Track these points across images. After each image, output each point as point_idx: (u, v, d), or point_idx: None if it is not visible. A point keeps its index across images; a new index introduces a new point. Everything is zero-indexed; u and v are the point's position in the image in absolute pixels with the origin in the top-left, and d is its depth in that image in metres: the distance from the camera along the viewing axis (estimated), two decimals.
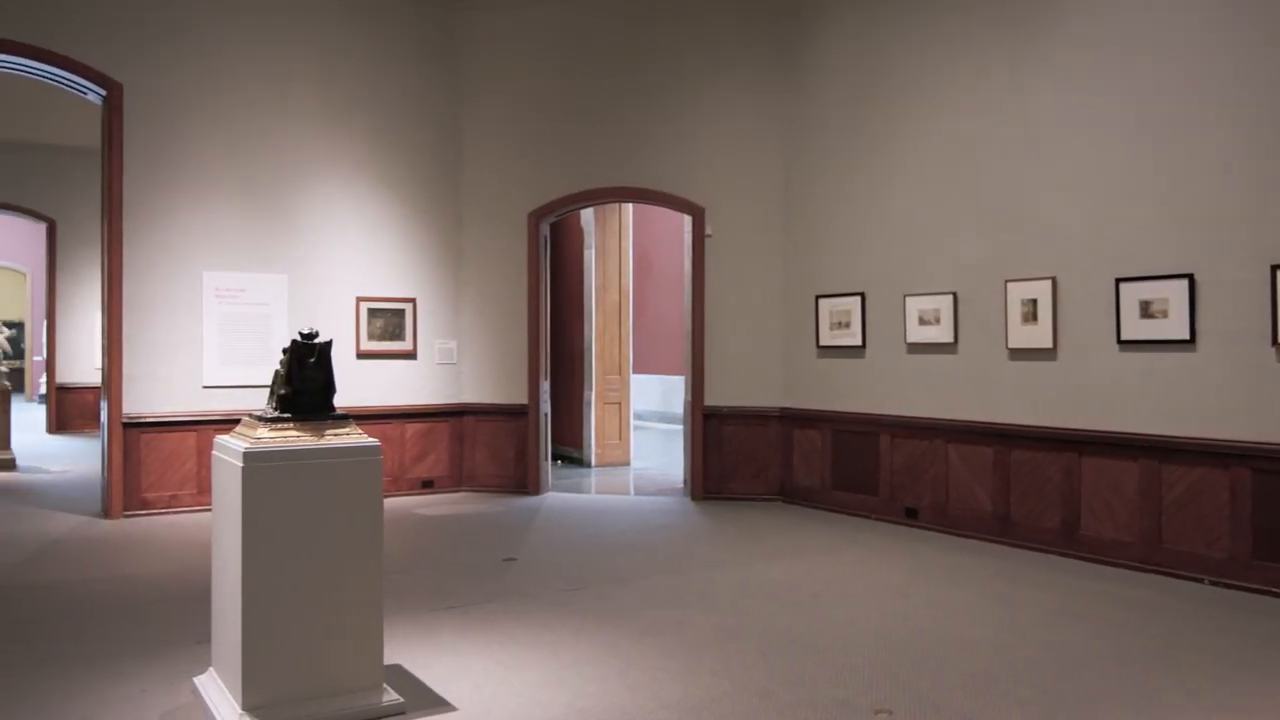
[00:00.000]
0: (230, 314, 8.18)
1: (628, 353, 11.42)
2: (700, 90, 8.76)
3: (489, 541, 7.00)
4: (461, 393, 9.25)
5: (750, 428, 8.63)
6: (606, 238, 11.25)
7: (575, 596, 5.39)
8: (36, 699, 3.80)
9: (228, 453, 3.62)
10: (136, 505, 7.75)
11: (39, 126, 13.15)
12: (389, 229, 8.92)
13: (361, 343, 8.75)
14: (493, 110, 9.22)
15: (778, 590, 5.53)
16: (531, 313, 9.05)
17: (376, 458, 3.67)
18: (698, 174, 8.74)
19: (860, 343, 7.88)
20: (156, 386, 7.87)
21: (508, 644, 4.52)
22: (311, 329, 3.85)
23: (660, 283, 15.59)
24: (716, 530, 7.42)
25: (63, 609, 5.15)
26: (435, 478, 9.08)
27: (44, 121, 12.81)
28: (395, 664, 4.17)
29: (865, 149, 7.85)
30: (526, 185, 9.08)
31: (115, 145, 7.77)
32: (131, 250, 7.82)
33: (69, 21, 7.62)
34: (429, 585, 5.65)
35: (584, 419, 11.14)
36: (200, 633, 4.48)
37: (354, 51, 8.75)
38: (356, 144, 8.77)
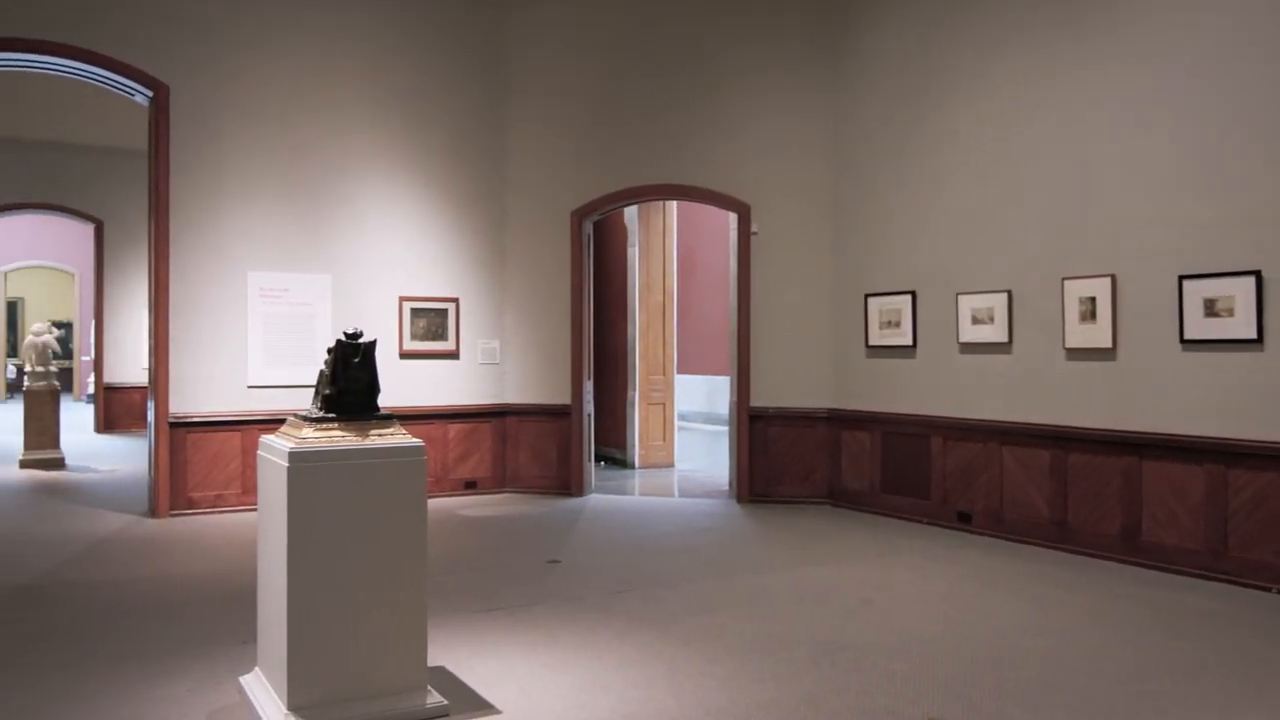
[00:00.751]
0: (274, 314, 8.31)
1: (672, 353, 11.41)
2: (746, 86, 8.73)
3: (532, 543, 7.04)
4: (504, 393, 9.30)
5: (797, 429, 8.58)
6: (650, 236, 11.25)
7: (620, 599, 5.40)
8: (87, 696, 3.89)
9: (273, 452, 3.67)
10: (183, 505, 7.90)
11: (87, 128, 13.46)
12: (432, 228, 9.00)
13: (404, 342, 8.84)
14: (537, 108, 9.26)
15: (826, 596, 5.49)
16: (575, 312, 9.08)
17: (421, 458, 3.70)
18: (743, 171, 8.71)
19: (911, 342, 7.80)
20: (202, 386, 8.02)
21: (552, 647, 4.54)
22: (356, 329, 3.89)
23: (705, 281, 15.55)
24: (763, 534, 7.39)
25: (111, 607, 5.27)
26: (478, 478, 9.14)
27: (92, 123, 13.11)
28: (439, 666, 4.20)
29: (916, 144, 7.77)
30: (570, 183, 9.11)
31: (161, 146, 7.93)
32: (178, 250, 7.98)
33: (116, 24, 7.79)
34: (472, 587, 5.70)
35: (627, 420, 11.15)
36: (246, 632, 4.56)
37: (399, 50, 8.84)
38: (400, 143, 8.86)
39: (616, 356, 11.30)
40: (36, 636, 4.73)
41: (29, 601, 5.39)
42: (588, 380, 9.22)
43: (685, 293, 14.34)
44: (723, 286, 13.05)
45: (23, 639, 4.69)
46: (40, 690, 3.95)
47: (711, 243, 14.86)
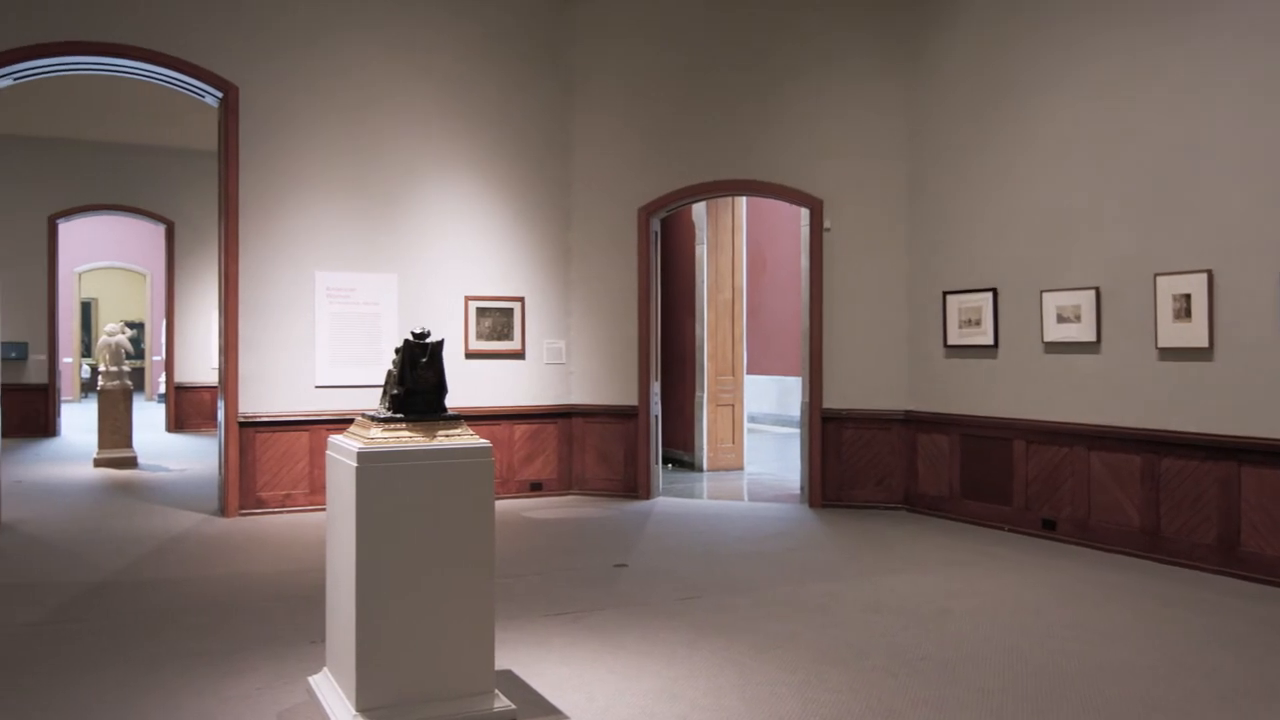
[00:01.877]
0: (341, 313, 8.48)
1: (741, 353, 11.37)
2: (819, 78, 8.66)
3: (599, 547, 7.07)
4: (570, 393, 9.36)
5: (872, 432, 8.48)
6: (719, 233, 11.22)
7: (689, 606, 5.39)
8: (161, 693, 4.01)
9: (342, 452, 3.74)
10: (252, 504, 8.11)
11: (159, 130, 13.90)
12: (498, 227, 9.10)
13: (470, 342, 8.95)
14: (604, 103, 9.30)
15: (903, 605, 5.42)
16: (642, 311, 9.10)
17: (488, 459, 3.74)
18: (816, 165, 8.64)
19: (992, 342, 7.65)
20: (270, 386, 8.22)
21: (620, 653, 4.56)
22: (423, 328, 3.95)
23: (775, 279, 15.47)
24: (837, 540, 7.32)
25: (183, 605, 5.43)
26: (544, 480, 9.22)
27: (164, 125, 13.54)
28: (505, 669, 4.25)
29: (997, 134, 7.62)
30: (637, 179, 9.14)
31: (231, 147, 8.15)
32: (247, 250, 8.19)
33: (188, 26, 8.03)
34: (539, 590, 5.74)
35: (695, 421, 11.14)
36: (315, 632, 4.66)
37: (465, 48, 8.95)
38: (466, 141, 8.97)
39: (684, 356, 11.30)
40: (112, 633, 4.89)
41: (104, 599, 5.58)
42: (655, 381, 9.23)
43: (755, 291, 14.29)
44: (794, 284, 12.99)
45: (99, 635, 4.86)
46: (116, 686, 4.09)
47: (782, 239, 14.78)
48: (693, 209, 10.93)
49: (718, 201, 10.87)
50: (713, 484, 10.26)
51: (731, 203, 11.15)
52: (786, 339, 14.95)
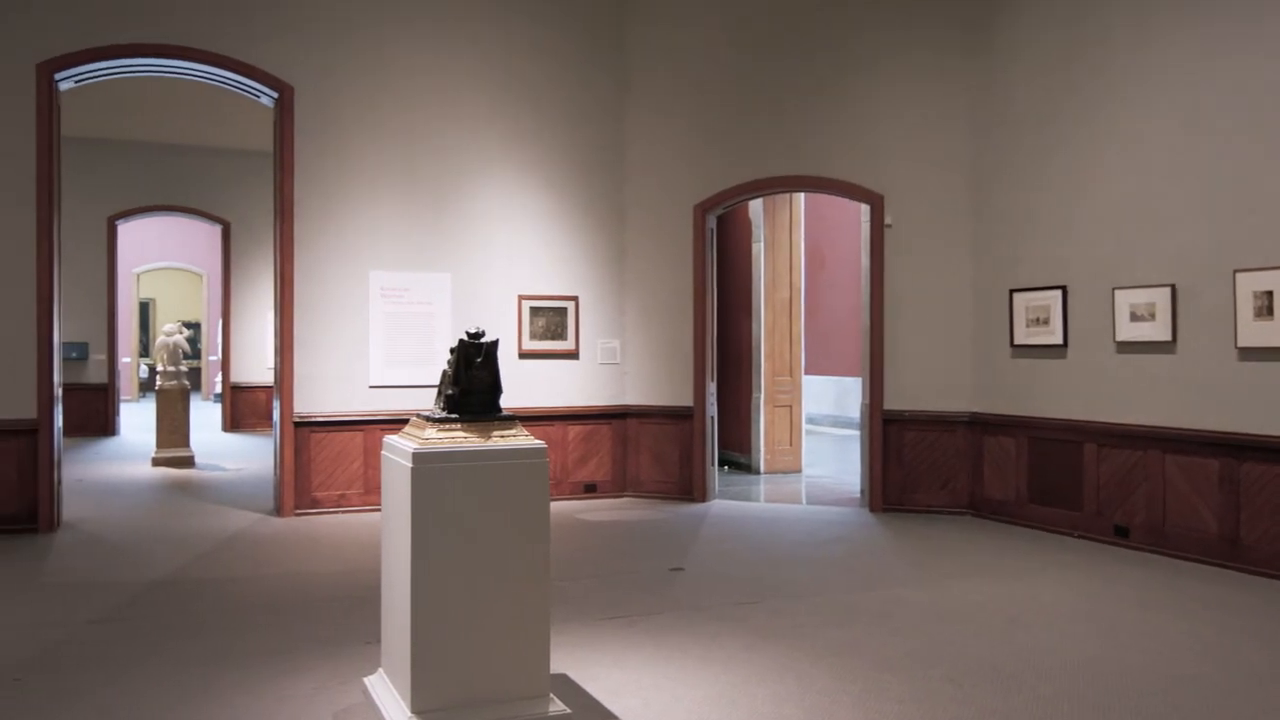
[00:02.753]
0: (395, 313, 8.59)
1: (799, 352, 11.31)
2: (880, 70, 8.58)
3: (654, 550, 7.08)
4: (625, 394, 9.39)
5: (935, 434, 8.39)
6: (776, 230, 11.17)
7: (747, 610, 5.38)
8: (219, 691, 4.10)
9: (397, 453, 3.80)
10: (307, 504, 8.25)
11: (215, 130, 14.21)
12: (551, 225, 9.16)
13: (524, 342, 9.01)
14: (658, 100, 9.31)
15: (968, 612, 5.35)
16: (697, 310, 9.09)
17: (543, 460, 3.77)
18: (876, 160, 8.57)
19: (1061, 341, 7.52)
20: (325, 386, 8.36)
21: (676, 658, 4.56)
22: (478, 328, 3.99)
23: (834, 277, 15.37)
24: (898, 545, 7.25)
25: (240, 603, 5.55)
26: (598, 482, 9.25)
27: (219, 125, 13.83)
28: (560, 673, 4.27)
29: (1066, 126, 7.49)
30: (692, 176, 9.13)
31: (286, 147, 8.30)
32: (302, 250, 8.33)
33: (243, 26, 8.19)
34: (594, 593, 5.77)
35: (752, 423, 11.10)
36: (370, 633, 4.73)
37: (519, 45, 9.02)
38: (520, 140, 9.04)
39: (741, 356, 11.27)
40: (170, 631, 5.02)
41: (162, 597, 5.72)
42: (711, 381, 9.22)
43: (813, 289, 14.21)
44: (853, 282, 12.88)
45: (157, 633, 4.98)
46: (174, 684, 4.19)
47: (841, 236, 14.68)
48: (749, 206, 10.89)
49: (775, 198, 10.82)
50: (770, 487, 10.22)
51: (789, 199, 11.09)
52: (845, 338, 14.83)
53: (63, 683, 4.22)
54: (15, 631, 5.00)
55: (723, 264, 10.94)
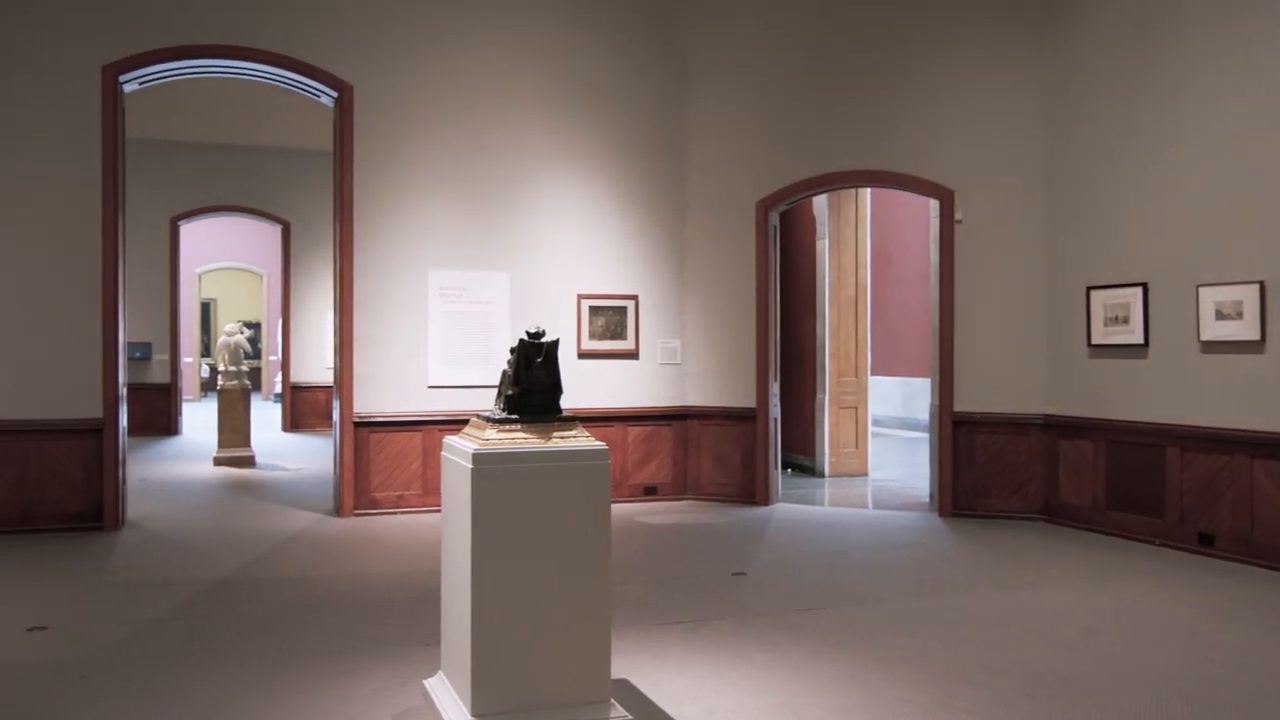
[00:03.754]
0: (453, 312, 8.69)
1: (865, 352, 11.21)
2: (949, 62, 8.47)
3: (716, 554, 7.07)
4: (685, 395, 9.39)
5: (1007, 437, 8.26)
6: (842, 226, 11.09)
7: (811, 617, 5.35)
8: (281, 691, 4.19)
9: (457, 453, 3.84)
10: (366, 504, 8.39)
11: (275, 131, 14.52)
12: (611, 223, 9.19)
13: (583, 342, 9.06)
14: (720, 94, 9.30)
15: (1042, 622, 5.26)
16: (760, 309, 9.06)
17: (604, 462, 3.78)
18: (946, 153, 8.46)
19: (1142, 340, 7.36)
20: (384, 386, 8.49)
21: (739, 664, 4.55)
22: (539, 328, 4.02)
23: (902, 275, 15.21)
24: (968, 551, 7.15)
25: (301, 604, 5.66)
26: (658, 484, 9.26)
27: (279, 126, 14.12)
28: (621, 679, 4.29)
29: (1147, 117, 7.32)
30: (755, 172, 9.10)
31: (346, 146, 8.44)
32: (361, 250, 8.47)
33: (304, 26, 8.35)
34: (655, 598, 5.78)
35: (816, 424, 11.03)
36: (429, 634, 4.80)
37: (579, 41, 9.07)
38: (579, 137, 9.09)
39: (805, 356, 11.20)
40: (233, 630, 5.14)
41: (225, 596, 5.86)
42: (774, 382, 9.18)
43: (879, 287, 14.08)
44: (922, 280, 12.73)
45: (220, 633, 5.11)
46: (237, 683, 4.29)
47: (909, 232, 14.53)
48: (813, 202, 10.82)
49: (840, 194, 10.73)
50: (835, 490, 10.15)
51: (855, 195, 11.00)
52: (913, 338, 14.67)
53: (127, 679, 4.35)
54: (82, 628, 5.16)
55: (786, 261, 10.88)
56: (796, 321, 11.19)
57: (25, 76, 7.64)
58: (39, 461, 7.62)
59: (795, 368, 11.17)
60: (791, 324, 11.07)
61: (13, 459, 7.57)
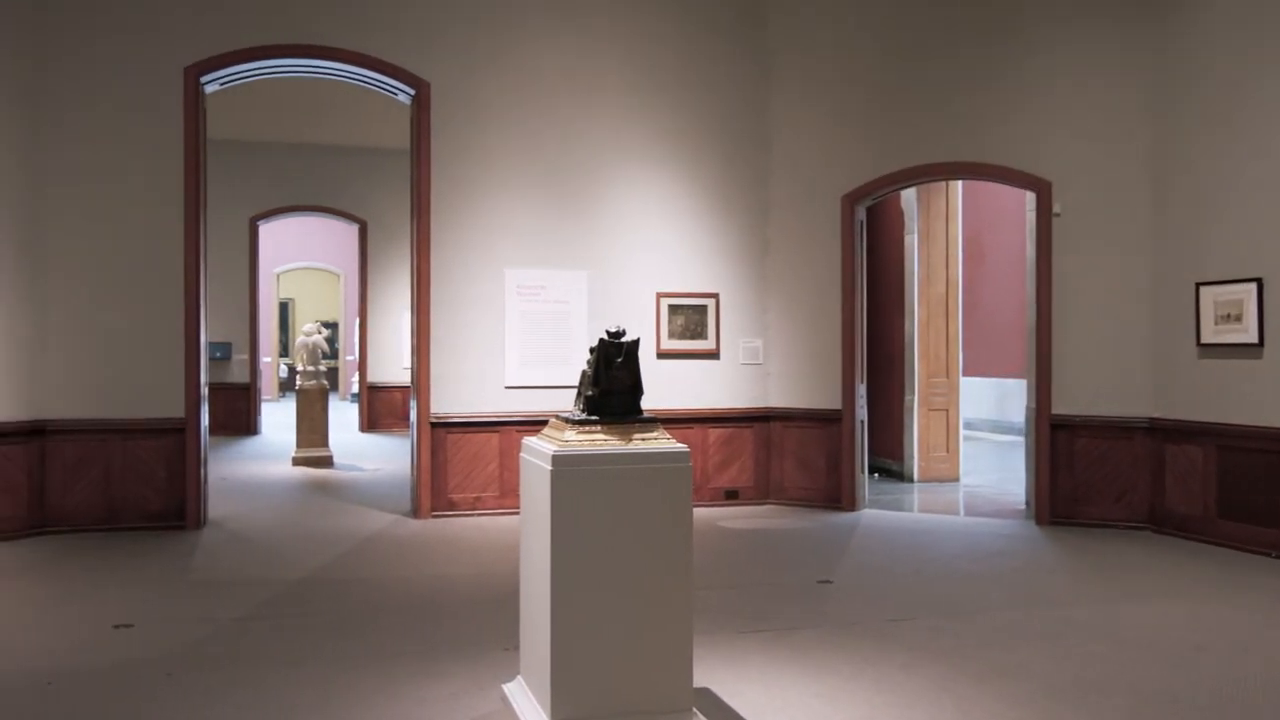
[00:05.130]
0: (530, 311, 8.77)
1: (956, 352, 11.03)
2: (1046, 43, 8.28)
3: (800, 560, 7.03)
4: (768, 396, 9.34)
5: (1109, 441, 8.05)
6: (931, 221, 10.93)
7: (900, 628, 5.28)
8: (360, 693, 4.28)
9: (536, 455, 3.88)
10: (443, 506, 8.51)
11: (352, 130, 14.83)
12: (690, 220, 9.19)
13: (662, 341, 9.07)
14: (803, 85, 9.23)
15: (1148, 637, 5.12)
16: (846, 308, 8.97)
17: (686, 465, 3.78)
18: (1042, 143, 8.28)
19: (1257, 340, 7.11)
20: (461, 386, 8.61)
21: (825, 675, 4.52)
22: (619, 327, 4.04)
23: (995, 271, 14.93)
24: (1068, 561, 6.99)
25: (380, 605, 5.77)
26: (739, 488, 9.23)
27: (357, 124, 14.41)
28: (703, 687, 4.28)
29: (1261, 103, 7.07)
30: (840, 166, 9.01)
31: (423, 144, 8.58)
32: (438, 248, 8.60)
33: (380, 24, 8.51)
34: (737, 605, 5.76)
35: (905, 427, 10.89)
36: (508, 638, 4.85)
37: (658, 34, 9.09)
38: (658, 132, 9.10)
39: (892, 356, 11.07)
40: (311, 631, 5.26)
41: (304, 596, 6.01)
42: (860, 383, 9.09)
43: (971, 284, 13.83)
44: (1016, 276, 12.48)
45: (298, 632, 5.23)
46: (315, 683, 4.39)
47: (1002, 227, 14.27)
48: (901, 196, 10.68)
49: (929, 187, 10.58)
50: (924, 496, 10.01)
51: (945, 188, 10.83)
52: (1007, 337, 14.39)
53: (210, 678, 4.48)
54: (165, 626, 5.33)
55: (873, 258, 10.76)
56: (884, 320, 11.06)
57: (110, 79, 7.92)
58: (123, 461, 7.89)
59: (882, 368, 11.05)
60: (878, 323, 10.94)
61: (98, 458, 7.85)
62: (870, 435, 10.19)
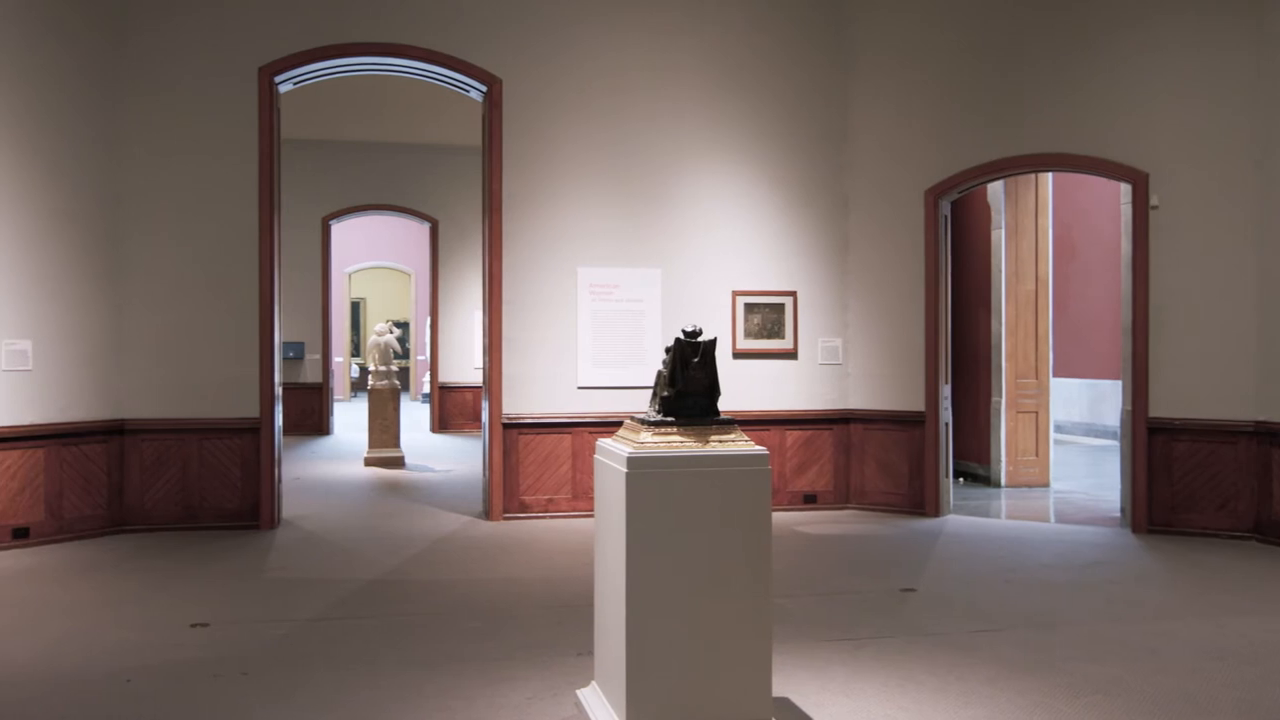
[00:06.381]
0: (603, 311, 8.81)
1: (1046, 352, 10.81)
2: (1142, 27, 8.07)
3: (882, 568, 6.96)
4: (847, 397, 9.26)
5: (1211, 445, 7.82)
6: (1020, 215, 10.73)
7: (987, 639, 5.20)
8: (433, 696, 4.34)
9: (611, 457, 3.90)
10: (515, 508, 8.59)
11: (423, 128, 15.04)
12: (767, 216, 9.14)
13: (738, 341, 9.04)
14: (885, 75, 9.12)
15: (1257, 653, 4.96)
16: (929, 306, 8.85)
17: (764, 468, 3.77)
18: (1138, 132, 8.07)
19: None
20: (533, 386, 8.68)
21: (909, 688, 4.46)
22: (695, 327, 4.04)
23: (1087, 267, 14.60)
24: (1167, 572, 6.82)
25: (452, 607, 5.84)
26: (818, 492, 9.17)
27: (428, 122, 14.62)
28: (782, 697, 4.26)
29: None
30: (923, 158, 8.89)
31: (495, 140, 8.67)
32: (510, 247, 8.68)
33: (452, 20, 8.62)
34: (816, 612, 5.73)
35: (992, 430, 10.72)
36: (581, 643, 4.88)
37: (732, 25, 9.06)
38: (734, 128, 9.08)
39: (978, 356, 10.89)
40: (386, 631, 5.35)
41: (377, 596, 6.11)
42: (945, 383, 8.96)
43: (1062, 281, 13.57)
44: (1110, 272, 12.21)
45: (374, 633, 5.33)
46: (390, 686, 4.47)
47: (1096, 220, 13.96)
48: (988, 189, 10.50)
49: (1018, 180, 10.39)
50: (1012, 502, 9.84)
51: (1034, 180, 10.63)
52: (1101, 336, 14.08)
53: (284, 678, 4.58)
54: (241, 625, 5.47)
55: (958, 254, 10.61)
56: (969, 318, 10.89)
57: (187, 82, 8.15)
58: (200, 460, 8.11)
59: (968, 369, 10.88)
60: (964, 321, 10.78)
61: (175, 457, 8.08)
62: (955, 438, 10.04)
